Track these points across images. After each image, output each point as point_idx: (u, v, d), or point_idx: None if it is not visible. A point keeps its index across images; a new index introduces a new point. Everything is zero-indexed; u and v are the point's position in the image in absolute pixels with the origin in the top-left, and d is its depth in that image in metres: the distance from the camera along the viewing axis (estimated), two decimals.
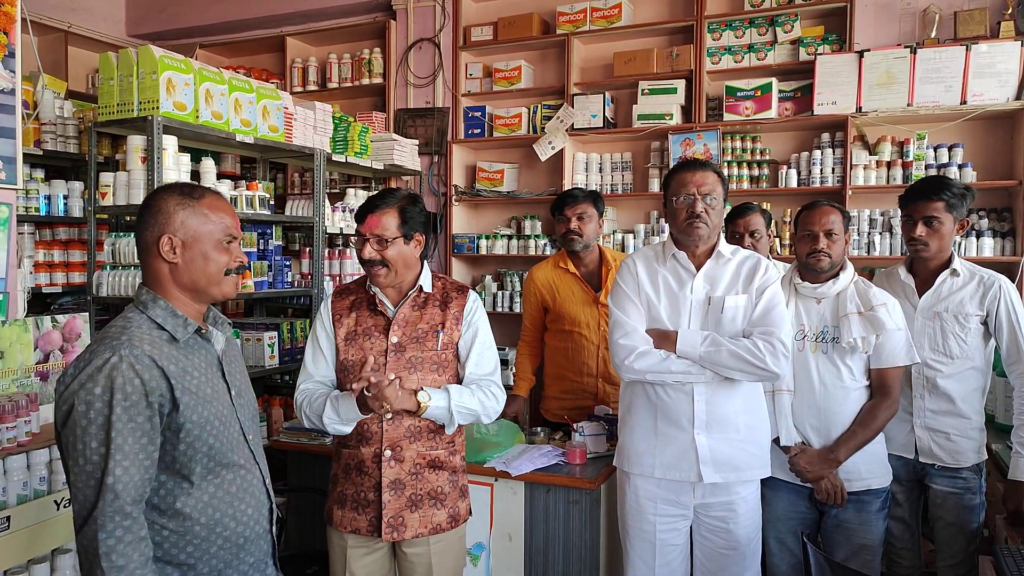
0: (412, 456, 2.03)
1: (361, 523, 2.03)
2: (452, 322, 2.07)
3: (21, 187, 2.53)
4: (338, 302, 2.13)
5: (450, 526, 2.08)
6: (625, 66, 4.43)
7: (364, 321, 2.07)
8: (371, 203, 2.03)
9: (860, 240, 3.93)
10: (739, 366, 2.02)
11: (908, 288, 2.48)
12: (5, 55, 2.43)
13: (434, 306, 2.08)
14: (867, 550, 2.30)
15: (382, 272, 2.01)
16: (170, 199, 1.51)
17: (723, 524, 2.14)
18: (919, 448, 2.42)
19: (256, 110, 3.41)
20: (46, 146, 3.84)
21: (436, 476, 2.06)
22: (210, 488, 1.49)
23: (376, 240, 1.99)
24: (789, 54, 4.16)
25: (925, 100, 3.77)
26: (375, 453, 2.01)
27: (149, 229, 1.50)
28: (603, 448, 2.67)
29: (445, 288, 2.13)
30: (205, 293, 1.54)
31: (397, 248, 2.00)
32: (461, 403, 1.99)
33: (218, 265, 1.53)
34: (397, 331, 2.04)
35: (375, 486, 2.01)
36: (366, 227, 2.01)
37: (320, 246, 3.82)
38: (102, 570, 1.32)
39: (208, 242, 1.51)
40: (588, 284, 3.05)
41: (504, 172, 4.79)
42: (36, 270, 3.90)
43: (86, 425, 1.36)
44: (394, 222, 2.00)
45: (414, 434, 2.03)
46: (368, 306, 2.09)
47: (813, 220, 2.32)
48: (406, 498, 2.02)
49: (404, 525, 2.01)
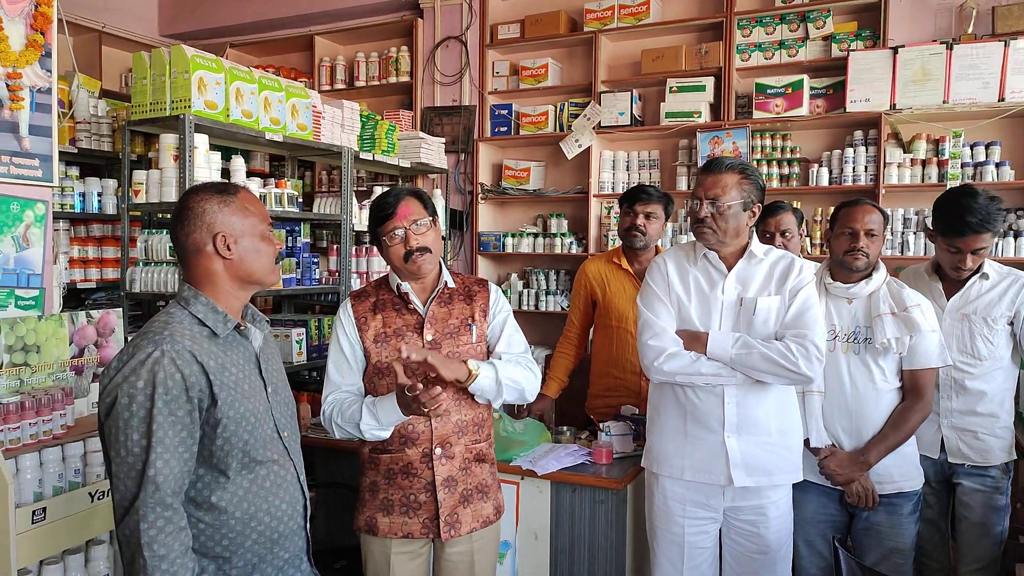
0: (461, 451, 2.02)
1: (414, 526, 2.00)
2: (480, 315, 2.06)
3: (57, 185, 2.57)
4: (358, 305, 2.08)
5: (496, 517, 2.09)
6: (653, 63, 4.40)
7: (393, 321, 2.04)
8: (386, 200, 2.01)
9: (894, 240, 3.87)
10: (771, 369, 1.99)
11: (935, 290, 2.46)
12: (42, 55, 2.47)
13: (460, 301, 2.07)
14: (899, 553, 2.26)
15: (428, 258, 1.99)
16: (211, 199, 1.55)
17: (753, 528, 2.12)
18: (947, 448, 2.42)
19: (285, 108, 3.44)
20: (81, 144, 3.91)
21: (481, 469, 2.06)
22: (244, 483, 1.51)
23: (413, 224, 1.98)
24: (821, 50, 4.09)
25: (961, 97, 3.69)
26: (423, 453, 1.98)
27: (196, 231, 1.53)
28: (630, 448, 2.66)
29: (466, 283, 2.12)
30: (260, 283, 1.61)
31: (434, 232, 2.02)
32: (508, 375, 1.97)
33: (269, 254, 1.60)
34: (431, 328, 2.02)
35: (426, 486, 1.98)
36: (400, 217, 1.97)
37: (348, 243, 3.85)
38: (144, 559, 1.35)
39: (255, 234, 1.57)
40: (640, 281, 3.03)
41: (530, 170, 4.78)
42: (71, 266, 3.96)
43: (128, 418, 1.39)
44: (420, 206, 2.01)
45: (461, 429, 2.02)
46: (394, 306, 2.06)
47: (855, 217, 2.27)
48: (459, 494, 2.01)
49: (459, 521, 2.01)
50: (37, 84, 2.47)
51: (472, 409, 2.04)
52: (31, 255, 2.47)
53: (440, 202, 4.63)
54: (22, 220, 2.44)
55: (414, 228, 1.97)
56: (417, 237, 1.97)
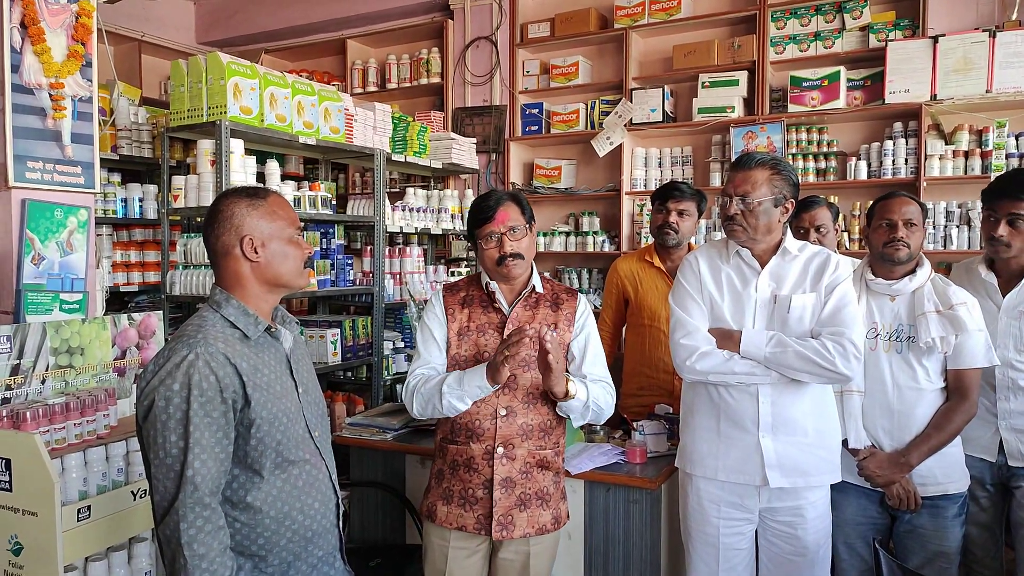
0: (523, 455, 2.02)
1: (468, 520, 2.02)
2: (564, 323, 2.08)
3: (99, 191, 2.64)
4: (449, 297, 2.13)
5: (554, 527, 2.07)
6: (685, 59, 4.35)
7: (478, 318, 2.08)
8: (486, 203, 2.02)
9: (936, 234, 3.77)
10: (807, 368, 1.96)
11: (990, 287, 2.36)
12: (83, 65, 2.54)
13: (546, 307, 2.09)
14: (943, 557, 2.20)
15: (519, 264, 2.02)
16: (240, 203, 1.57)
17: (790, 530, 2.08)
18: (1007, 451, 2.31)
19: (318, 112, 3.49)
20: (122, 151, 4.01)
21: (543, 476, 2.06)
22: (278, 482, 1.53)
23: (510, 231, 2.00)
24: (858, 41, 4.00)
25: (1005, 86, 3.58)
26: (487, 450, 2.01)
27: (225, 234, 1.56)
28: (664, 447, 2.63)
29: (554, 290, 2.13)
30: (288, 286, 1.62)
31: (529, 239, 2.04)
32: (596, 399, 2.01)
33: (297, 258, 1.61)
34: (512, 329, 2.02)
35: (485, 483, 2.01)
36: (498, 222, 2.00)
37: (381, 244, 3.88)
38: (184, 559, 1.38)
39: (282, 237, 1.59)
40: (672, 279, 3.00)
41: (561, 169, 4.77)
42: (114, 270, 4.07)
43: (166, 420, 1.42)
44: (518, 211, 2.02)
45: (526, 432, 2.02)
46: (481, 303, 2.09)
47: (892, 209, 2.22)
48: (516, 497, 2.02)
49: (513, 524, 2.01)
50: (79, 93, 2.54)
51: (540, 415, 2.05)
52: (75, 260, 2.54)
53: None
54: (65, 226, 2.51)
55: (510, 234, 2.00)
56: (512, 243, 2.00)
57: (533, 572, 2.05)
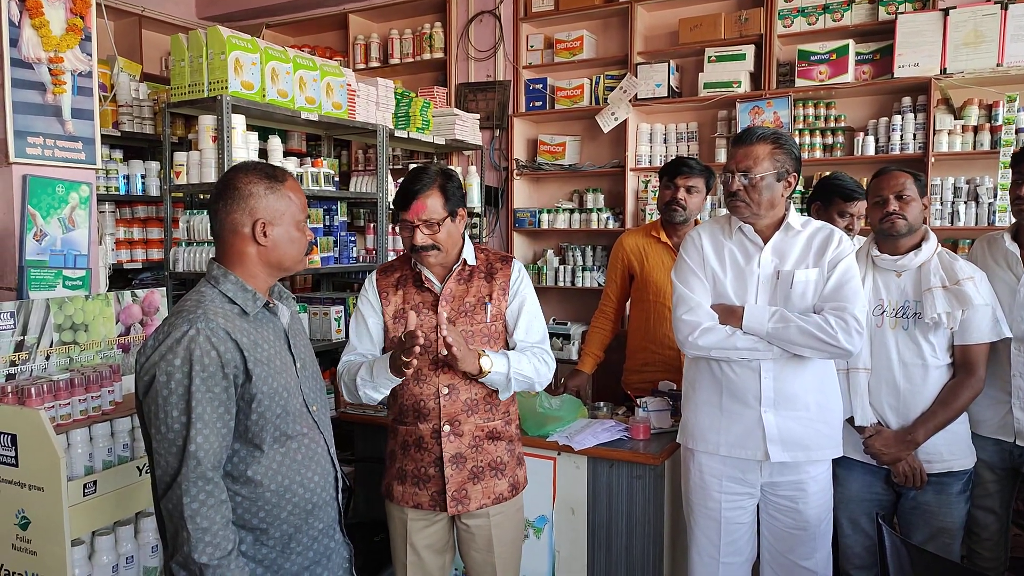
0: (470, 429, 2.04)
1: (423, 498, 2.05)
2: (499, 293, 2.06)
3: (101, 167, 2.63)
4: (383, 279, 2.11)
5: (511, 495, 2.10)
6: (691, 33, 4.29)
7: (412, 298, 2.07)
8: (410, 188, 1.98)
9: (943, 210, 3.73)
10: (809, 343, 1.95)
11: (1012, 257, 2.29)
12: (82, 39, 2.52)
13: (479, 278, 2.07)
14: (946, 533, 2.21)
15: (434, 255, 2.00)
16: (259, 183, 1.55)
17: (792, 504, 2.09)
18: (1017, 431, 2.26)
19: (320, 88, 3.46)
20: (123, 127, 3.99)
21: (495, 447, 2.07)
22: (278, 456, 1.54)
23: (425, 225, 1.96)
24: (868, 14, 3.94)
25: (1017, 59, 3.52)
26: (433, 429, 2.02)
27: (238, 211, 1.54)
28: (667, 424, 2.64)
29: (489, 259, 2.11)
30: (289, 270, 1.63)
31: (446, 229, 1.99)
32: (519, 370, 2.00)
33: (302, 244, 1.61)
34: (446, 306, 2.03)
35: (435, 461, 2.03)
36: (412, 213, 1.96)
37: (384, 221, 3.87)
38: (188, 532, 1.39)
39: (291, 223, 1.58)
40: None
41: (566, 145, 4.73)
42: (117, 247, 4.07)
43: (167, 395, 1.42)
44: (439, 202, 1.97)
45: (471, 407, 2.04)
46: (414, 283, 2.08)
47: (882, 185, 2.22)
48: (468, 471, 2.04)
49: (468, 497, 2.03)
50: (78, 68, 2.52)
51: (484, 388, 2.05)
52: (77, 236, 2.54)
53: (475, 179, 4.61)
54: (67, 202, 2.50)
55: (423, 226, 1.97)
56: (424, 236, 1.97)
57: (496, 540, 2.08)
